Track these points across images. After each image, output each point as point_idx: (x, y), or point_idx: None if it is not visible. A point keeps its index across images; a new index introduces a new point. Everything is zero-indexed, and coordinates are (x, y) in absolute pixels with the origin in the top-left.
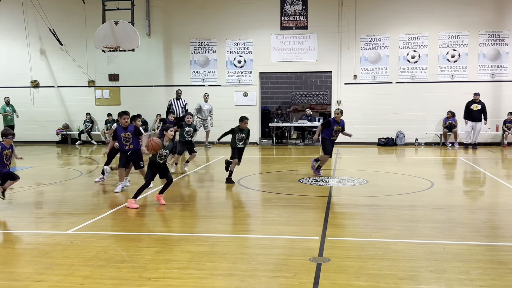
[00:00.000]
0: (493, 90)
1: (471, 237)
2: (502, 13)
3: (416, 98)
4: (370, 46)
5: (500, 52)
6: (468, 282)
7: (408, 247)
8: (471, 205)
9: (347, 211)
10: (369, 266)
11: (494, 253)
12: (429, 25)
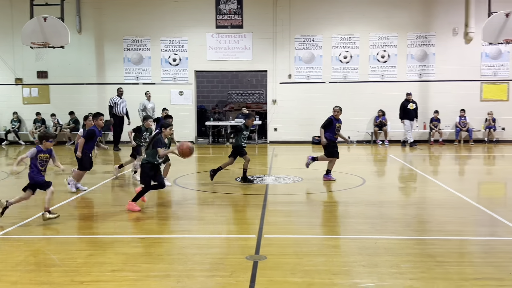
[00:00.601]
0: (420, 89)
1: (401, 231)
2: (429, 15)
3: (349, 98)
4: (304, 46)
5: (427, 53)
6: (398, 276)
7: (342, 242)
8: (401, 200)
9: (283, 209)
10: (304, 263)
11: (423, 246)
12: (360, 26)
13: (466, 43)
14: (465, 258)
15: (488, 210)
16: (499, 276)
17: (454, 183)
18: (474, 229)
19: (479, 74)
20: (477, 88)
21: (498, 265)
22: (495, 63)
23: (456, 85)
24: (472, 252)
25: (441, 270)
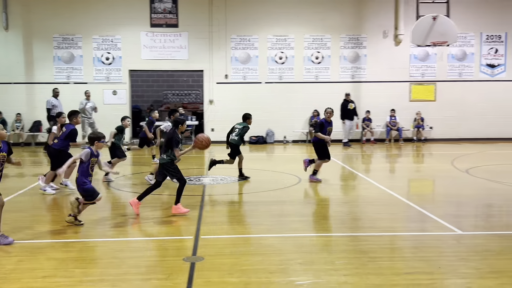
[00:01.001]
0: (353, 90)
1: (336, 229)
2: (360, 18)
3: (284, 98)
4: (240, 46)
5: (359, 54)
6: (333, 272)
7: (278, 241)
8: (335, 198)
9: (220, 209)
10: (242, 262)
11: (357, 243)
12: (295, 27)
13: (395, 45)
14: (396, 253)
15: (418, 206)
16: (429, 270)
17: (385, 180)
18: (404, 225)
19: (408, 75)
20: (406, 89)
21: (427, 259)
22: (423, 65)
23: (387, 86)
24: (403, 247)
25: (374, 265)
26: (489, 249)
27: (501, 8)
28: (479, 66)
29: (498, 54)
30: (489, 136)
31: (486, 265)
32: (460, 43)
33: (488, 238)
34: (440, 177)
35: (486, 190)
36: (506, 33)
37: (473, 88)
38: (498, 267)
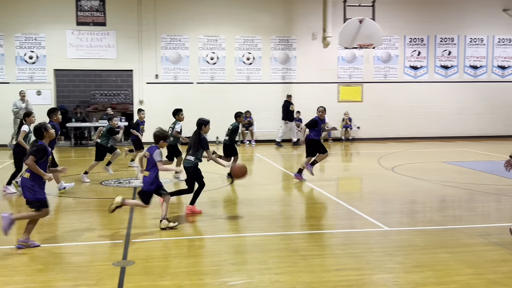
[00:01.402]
0: (283, 91)
1: (268, 228)
2: (290, 20)
3: (217, 98)
4: (171, 46)
5: (289, 56)
6: (266, 271)
7: (211, 242)
8: (267, 198)
9: (152, 212)
10: (174, 265)
11: (288, 241)
12: (226, 28)
13: (324, 47)
14: (327, 250)
15: (346, 204)
16: (358, 266)
17: (315, 179)
18: (334, 222)
19: (336, 76)
20: (335, 90)
21: (356, 255)
22: (350, 67)
23: (316, 86)
24: (333, 245)
25: (305, 263)
26: (414, 244)
27: (423, 13)
28: (403, 68)
29: (421, 56)
30: (412, 135)
31: (411, 259)
32: (385, 45)
33: (413, 233)
34: (367, 175)
35: (410, 187)
36: (428, 36)
37: (397, 89)
38: (422, 261)
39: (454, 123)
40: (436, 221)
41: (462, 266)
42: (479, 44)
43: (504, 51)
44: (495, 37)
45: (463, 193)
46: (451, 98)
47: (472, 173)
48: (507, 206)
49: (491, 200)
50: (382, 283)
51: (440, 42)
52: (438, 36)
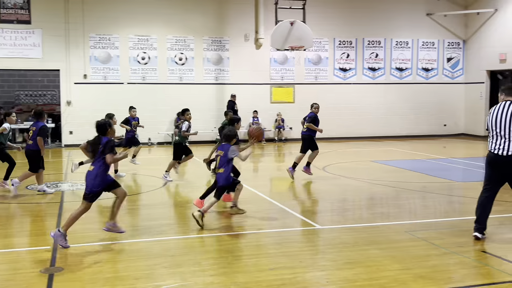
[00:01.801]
0: (217, 92)
1: (205, 229)
2: (222, 21)
3: (148, 99)
4: (100, 45)
5: (222, 57)
6: (200, 273)
7: (144, 246)
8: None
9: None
10: (105, 270)
11: (223, 242)
12: (157, 28)
13: (256, 49)
14: (261, 250)
15: (280, 203)
16: (291, 265)
17: (249, 180)
18: (268, 222)
19: (269, 78)
20: (267, 91)
21: (290, 254)
22: (282, 68)
23: (249, 88)
24: (267, 244)
25: (239, 263)
26: (345, 241)
27: (351, 16)
28: (333, 70)
29: (350, 58)
30: (342, 136)
31: (343, 256)
32: (315, 48)
33: (344, 231)
34: (299, 175)
35: (341, 186)
36: (356, 39)
37: (328, 90)
38: (353, 258)
39: (381, 123)
40: (365, 219)
41: (390, 262)
42: (404, 47)
43: (427, 54)
44: (419, 41)
45: (390, 190)
46: (379, 99)
47: (399, 171)
48: (432, 203)
49: (417, 197)
50: (314, 280)
51: (368, 45)
52: (365, 39)
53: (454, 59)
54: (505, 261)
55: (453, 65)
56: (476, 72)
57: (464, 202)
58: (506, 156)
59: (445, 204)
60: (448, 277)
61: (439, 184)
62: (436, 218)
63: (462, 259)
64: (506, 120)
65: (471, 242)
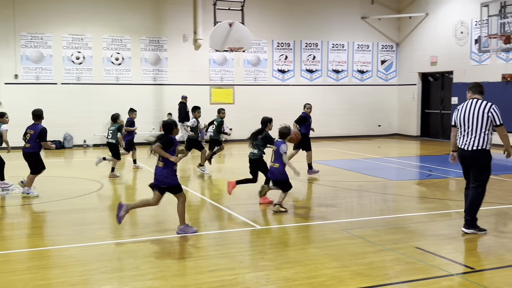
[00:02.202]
0: (155, 92)
1: (141, 233)
2: (160, 21)
3: (83, 100)
4: (32, 44)
5: (160, 57)
6: (139, 277)
7: (80, 251)
8: None
9: (13, 221)
10: (40, 277)
11: (163, 245)
12: (92, 27)
13: (195, 49)
14: (201, 252)
15: (220, 205)
16: (231, 266)
17: (189, 182)
18: (208, 224)
19: (208, 79)
20: (207, 92)
21: (230, 255)
22: (221, 69)
23: (188, 88)
24: (207, 246)
25: (179, 266)
26: (284, 241)
27: (289, 19)
28: (272, 71)
29: (288, 60)
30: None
31: (282, 256)
32: (254, 49)
33: (283, 231)
34: (240, 175)
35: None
36: (294, 41)
37: (267, 91)
38: (292, 257)
39: (319, 124)
40: (304, 218)
41: (328, 260)
42: (340, 49)
43: (362, 56)
44: (355, 43)
45: (328, 190)
46: (316, 101)
47: (336, 171)
48: (368, 201)
49: (353, 196)
50: (255, 281)
51: (305, 47)
52: (303, 41)
53: (387, 61)
54: (438, 256)
55: (386, 67)
56: (409, 74)
57: (398, 200)
58: (471, 150)
59: (380, 202)
60: (384, 274)
61: (375, 183)
62: (372, 216)
63: (397, 255)
64: (473, 116)
65: (405, 238)
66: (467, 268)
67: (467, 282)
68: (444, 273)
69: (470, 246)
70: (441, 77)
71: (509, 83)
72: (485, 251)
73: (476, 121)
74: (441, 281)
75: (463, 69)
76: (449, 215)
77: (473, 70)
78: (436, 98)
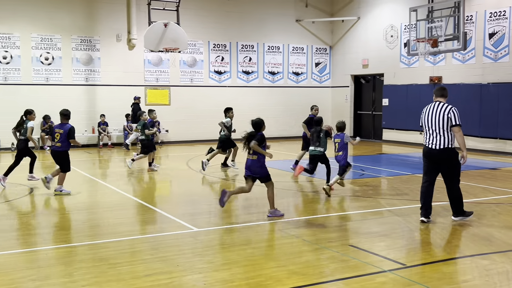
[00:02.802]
0: (87, 93)
1: (73, 238)
2: (92, 20)
3: (11, 101)
4: None
5: (93, 57)
6: (71, 284)
7: (6, 259)
8: (71, 207)
9: None
10: None
11: (96, 251)
12: (20, 25)
13: (129, 49)
14: (136, 257)
15: (156, 208)
16: (168, 270)
17: (124, 185)
18: (143, 227)
19: (143, 79)
20: (142, 93)
21: (166, 259)
22: (157, 70)
23: (122, 89)
24: (143, 250)
25: (114, 272)
26: (222, 242)
27: (225, 20)
28: (208, 72)
29: (224, 62)
30: (216, 138)
31: (220, 258)
32: (190, 50)
33: (221, 232)
34: (176, 177)
35: (219, 188)
36: (230, 42)
37: (203, 93)
38: (230, 259)
39: None
40: (242, 219)
41: (266, 260)
42: (276, 51)
43: (297, 58)
44: (290, 46)
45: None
46: (252, 102)
47: (272, 171)
48: (301, 200)
49: (289, 195)
50: (192, 283)
51: (242, 48)
52: (239, 43)
53: (321, 64)
54: (370, 253)
55: (320, 70)
56: (342, 77)
57: (333, 199)
58: (439, 149)
59: (316, 201)
60: (320, 272)
61: (310, 182)
62: (308, 216)
63: (332, 253)
64: (436, 118)
65: (340, 237)
66: (399, 264)
67: (398, 278)
68: (377, 270)
69: (401, 243)
70: (373, 79)
71: (436, 85)
72: (415, 247)
73: (441, 122)
74: (375, 277)
75: (393, 71)
76: (381, 213)
77: (402, 72)
78: (368, 99)
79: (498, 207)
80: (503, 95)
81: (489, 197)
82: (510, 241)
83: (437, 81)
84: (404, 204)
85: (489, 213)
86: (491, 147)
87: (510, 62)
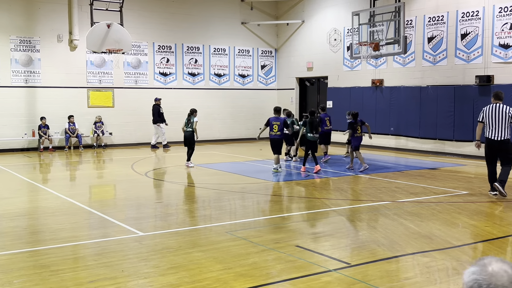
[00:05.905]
0: (27, 95)
1: (12, 245)
2: (32, 20)
3: None
4: None
5: (33, 58)
6: None
7: None
8: (10, 213)
9: None
10: None
11: (37, 258)
12: None
13: (71, 50)
14: (79, 263)
15: (100, 212)
16: (113, 275)
17: (65, 189)
18: (87, 233)
19: (86, 81)
20: (84, 95)
21: (111, 264)
22: (100, 71)
23: (64, 91)
24: (86, 256)
25: (56, 279)
26: (168, 246)
27: (170, 22)
28: (153, 74)
29: (170, 63)
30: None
31: (166, 262)
32: (134, 51)
33: (167, 236)
34: (121, 181)
35: (164, 191)
36: (175, 44)
37: (148, 95)
38: (176, 263)
39: (202, 127)
40: (188, 222)
41: (213, 263)
42: (222, 53)
43: (243, 61)
44: (236, 48)
45: (212, 193)
46: (199, 104)
47: (219, 173)
48: (250, 202)
49: (237, 198)
50: None
51: (187, 50)
52: (185, 44)
53: (267, 66)
54: (316, 253)
55: (266, 72)
56: (287, 79)
57: (279, 200)
58: (500, 140)
59: (263, 203)
60: (267, 273)
61: (257, 184)
62: (255, 217)
63: (279, 254)
64: (499, 116)
65: (286, 237)
66: (343, 263)
67: (343, 277)
68: (322, 269)
69: (346, 242)
70: (317, 81)
71: (378, 88)
72: (359, 246)
73: (502, 118)
74: (321, 277)
75: (337, 74)
76: (326, 214)
77: (346, 75)
78: (313, 102)
79: (438, 206)
80: (441, 97)
81: (429, 196)
82: (450, 238)
83: (378, 84)
84: (349, 204)
85: (429, 212)
86: (431, 148)
87: (447, 65)
